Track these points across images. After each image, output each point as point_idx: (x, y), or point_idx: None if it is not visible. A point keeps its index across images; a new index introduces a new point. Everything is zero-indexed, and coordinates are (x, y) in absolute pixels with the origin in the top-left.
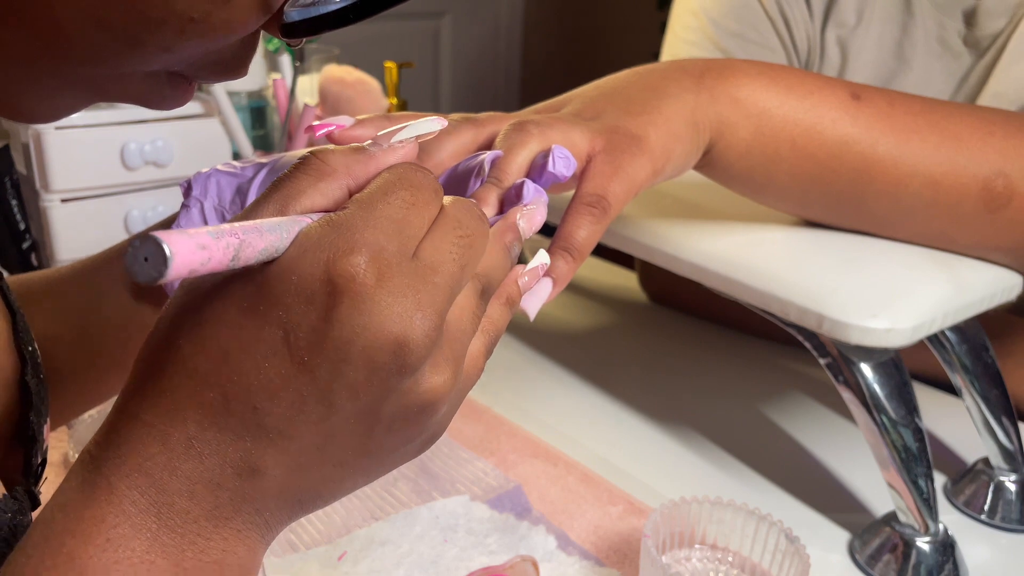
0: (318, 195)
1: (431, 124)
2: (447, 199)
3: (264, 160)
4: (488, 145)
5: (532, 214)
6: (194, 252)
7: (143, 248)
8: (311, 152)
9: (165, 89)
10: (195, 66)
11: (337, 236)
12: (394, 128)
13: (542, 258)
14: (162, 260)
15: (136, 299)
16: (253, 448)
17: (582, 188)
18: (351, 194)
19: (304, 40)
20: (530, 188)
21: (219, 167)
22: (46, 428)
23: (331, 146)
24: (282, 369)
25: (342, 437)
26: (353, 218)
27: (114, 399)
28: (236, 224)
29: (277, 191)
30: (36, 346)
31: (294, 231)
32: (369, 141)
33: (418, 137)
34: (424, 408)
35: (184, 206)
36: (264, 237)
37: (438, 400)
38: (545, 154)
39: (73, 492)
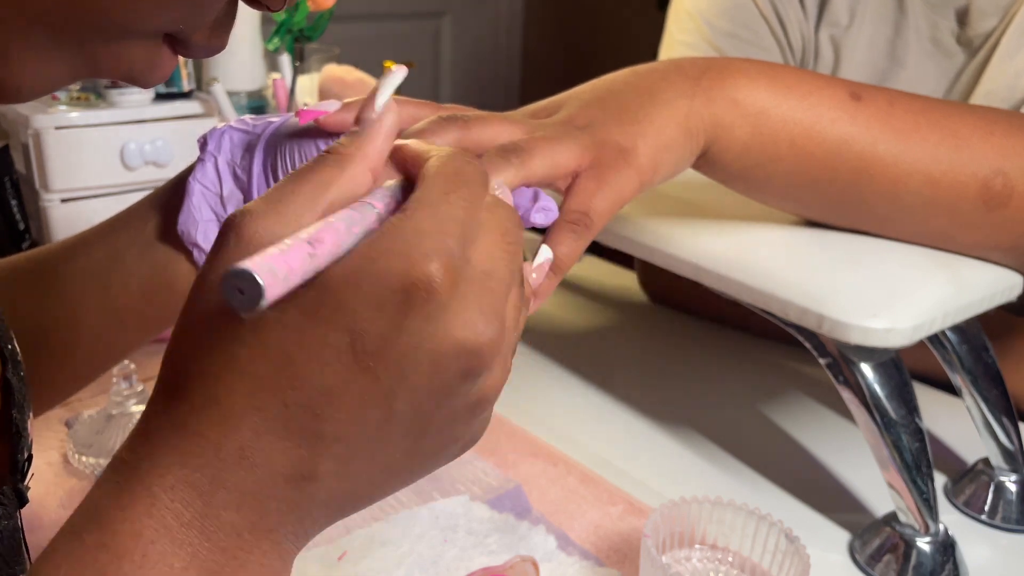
0: (347, 182)
1: (396, 77)
2: (492, 201)
3: (274, 119)
4: (472, 148)
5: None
6: (279, 280)
7: (236, 280)
8: (327, 149)
9: (158, 56)
10: (192, 24)
11: (408, 243)
12: (370, 98)
13: (546, 253)
14: (257, 292)
15: (163, 244)
16: (308, 455)
17: (566, 204)
18: (374, 176)
19: (286, 2)
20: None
21: (232, 123)
22: (30, 423)
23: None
24: (345, 374)
25: (395, 440)
26: (423, 223)
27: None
28: (311, 232)
29: (304, 182)
30: (16, 344)
31: (357, 229)
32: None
33: (394, 93)
34: (474, 409)
35: (199, 160)
36: (339, 239)
37: (489, 401)
38: (534, 194)
39: (107, 500)
